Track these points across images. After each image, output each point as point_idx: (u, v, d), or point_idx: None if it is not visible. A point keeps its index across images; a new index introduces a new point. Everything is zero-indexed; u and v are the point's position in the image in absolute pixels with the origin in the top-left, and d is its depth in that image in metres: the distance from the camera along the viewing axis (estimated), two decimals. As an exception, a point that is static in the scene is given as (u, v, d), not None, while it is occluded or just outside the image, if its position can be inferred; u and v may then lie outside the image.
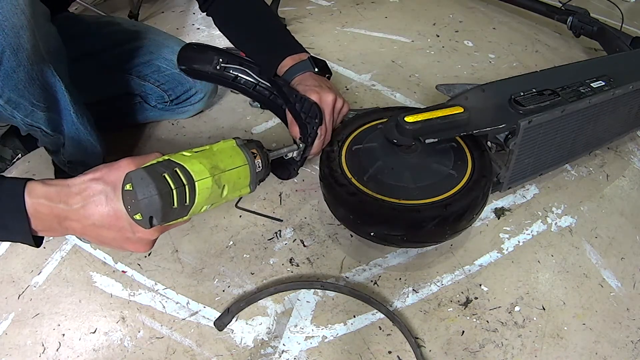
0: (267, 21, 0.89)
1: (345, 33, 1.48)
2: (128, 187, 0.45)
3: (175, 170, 0.46)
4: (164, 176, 0.45)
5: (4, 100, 0.63)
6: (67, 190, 0.48)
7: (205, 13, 0.91)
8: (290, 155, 0.76)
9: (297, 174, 0.84)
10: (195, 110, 1.06)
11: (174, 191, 0.45)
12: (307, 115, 0.77)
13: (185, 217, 0.49)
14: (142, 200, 0.44)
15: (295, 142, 0.75)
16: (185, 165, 0.47)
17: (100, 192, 0.48)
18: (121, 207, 0.47)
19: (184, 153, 0.49)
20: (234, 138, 0.56)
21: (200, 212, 0.50)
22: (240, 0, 0.88)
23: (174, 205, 0.45)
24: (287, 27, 1.51)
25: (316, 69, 0.81)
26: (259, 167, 0.57)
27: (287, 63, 0.81)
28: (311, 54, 0.82)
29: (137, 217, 0.45)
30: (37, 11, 0.61)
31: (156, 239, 0.52)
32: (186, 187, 0.46)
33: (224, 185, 0.51)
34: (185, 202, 0.47)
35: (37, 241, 0.51)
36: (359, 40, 1.44)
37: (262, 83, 0.82)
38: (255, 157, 0.56)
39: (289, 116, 0.76)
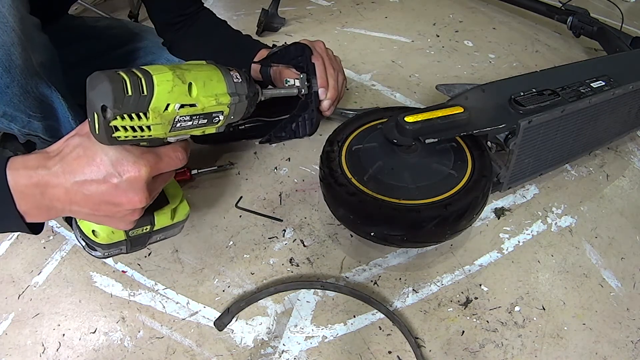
0: (232, 32, 0.90)
1: (345, 33, 1.48)
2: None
3: (131, 70, 0.43)
4: (116, 72, 0.42)
5: (0, 115, 0.63)
6: (44, 155, 0.46)
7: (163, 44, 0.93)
8: (294, 92, 0.71)
9: (317, 127, 0.77)
10: None
11: (127, 80, 0.42)
12: (297, 56, 0.74)
13: (151, 115, 0.43)
14: (94, 92, 0.41)
15: (293, 82, 0.72)
16: (143, 67, 0.45)
17: (77, 145, 0.45)
18: (99, 150, 0.44)
19: None
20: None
21: (170, 114, 0.45)
22: (199, 25, 0.89)
23: (127, 92, 0.42)
24: (287, 27, 1.51)
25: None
26: (237, 78, 0.51)
27: (265, 51, 0.82)
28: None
29: (96, 119, 0.41)
30: (27, 25, 0.60)
31: (148, 182, 0.46)
32: (142, 79, 0.43)
33: (191, 83, 0.46)
34: (143, 92, 0.42)
35: (32, 228, 0.48)
36: (359, 40, 1.44)
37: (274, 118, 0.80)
38: (230, 70, 0.52)
39: (282, 70, 0.75)
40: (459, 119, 0.73)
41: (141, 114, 0.43)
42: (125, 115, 0.42)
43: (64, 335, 0.67)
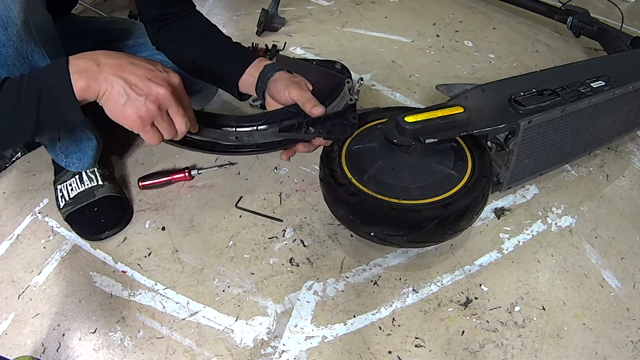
0: (222, 38, 0.89)
1: (345, 33, 1.48)
2: None
3: None
4: None
5: None
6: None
7: (155, 47, 0.91)
8: (347, 99, 0.74)
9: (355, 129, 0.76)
10: (196, 106, 1.06)
11: None
12: (339, 71, 0.79)
13: None
14: None
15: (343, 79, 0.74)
16: None
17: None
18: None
19: None
20: None
21: None
22: (189, 26, 0.87)
23: None
24: (287, 27, 1.51)
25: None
26: None
27: (256, 67, 0.80)
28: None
29: None
30: None
31: (173, 89, 0.59)
32: None
33: None
34: None
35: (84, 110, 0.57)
36: (359, 40, 1.44)
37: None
38: None
39: (289, 90, 0.73)
40: (459, 119, 0.73)
41: None
42: None
43: (64, 335, 0.67)
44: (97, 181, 0.84)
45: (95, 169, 0.86)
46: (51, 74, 0.56)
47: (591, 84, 0.83)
